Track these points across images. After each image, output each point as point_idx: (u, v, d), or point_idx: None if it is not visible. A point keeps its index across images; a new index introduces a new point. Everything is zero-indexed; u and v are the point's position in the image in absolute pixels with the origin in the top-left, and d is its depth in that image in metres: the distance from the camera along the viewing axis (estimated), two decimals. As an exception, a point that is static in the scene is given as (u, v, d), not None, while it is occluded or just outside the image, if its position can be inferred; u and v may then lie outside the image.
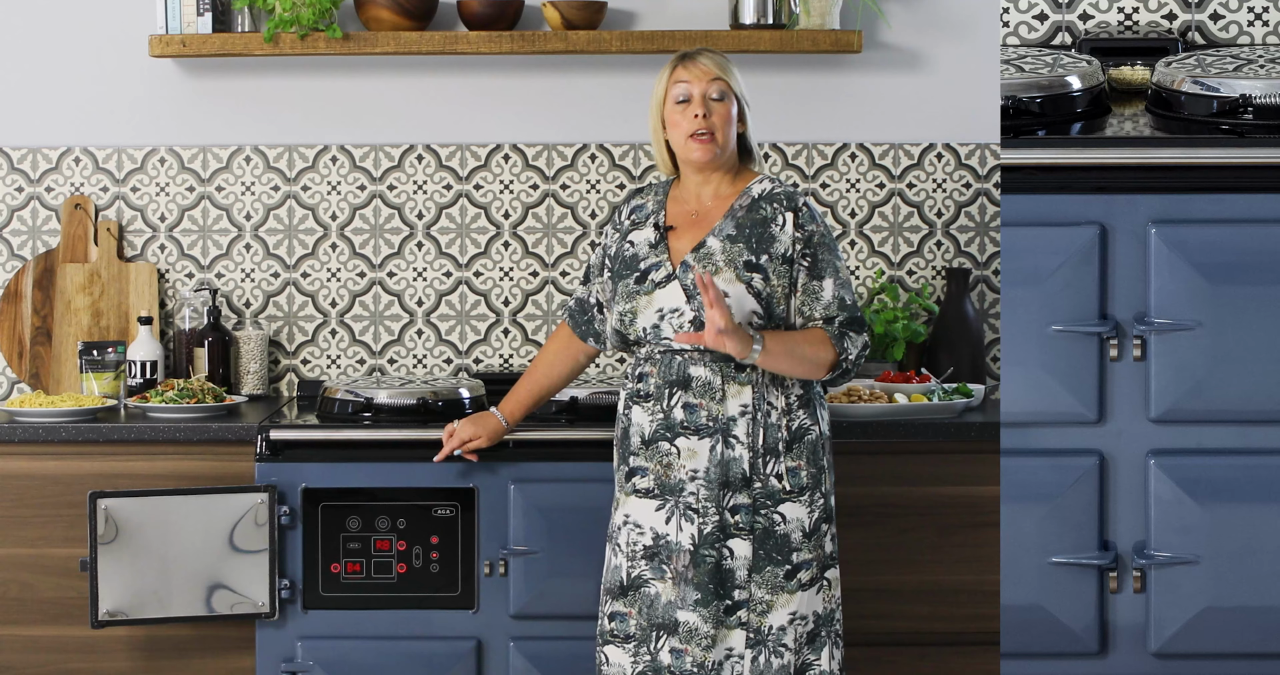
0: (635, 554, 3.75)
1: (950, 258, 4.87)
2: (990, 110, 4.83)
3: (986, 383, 4.75)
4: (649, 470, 3.75)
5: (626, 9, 4.84)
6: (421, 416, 4.29)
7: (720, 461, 3.71)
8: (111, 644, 4.30)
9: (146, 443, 4.28)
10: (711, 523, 3.70)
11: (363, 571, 4.20)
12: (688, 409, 3.73)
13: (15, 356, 4.81)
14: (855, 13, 4.81)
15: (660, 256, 3.79)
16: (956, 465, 4.27)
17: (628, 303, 3.79)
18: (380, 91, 4.86)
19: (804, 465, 3.74)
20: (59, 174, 4.86)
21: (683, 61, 3.80)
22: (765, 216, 3.76)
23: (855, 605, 4.24)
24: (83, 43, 4.84)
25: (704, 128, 3.75)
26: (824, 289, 3.76)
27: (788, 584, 3.72)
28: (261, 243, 4.87)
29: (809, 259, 3.75)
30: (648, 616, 3.73)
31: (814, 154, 4.86)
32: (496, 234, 4.87)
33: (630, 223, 3.87)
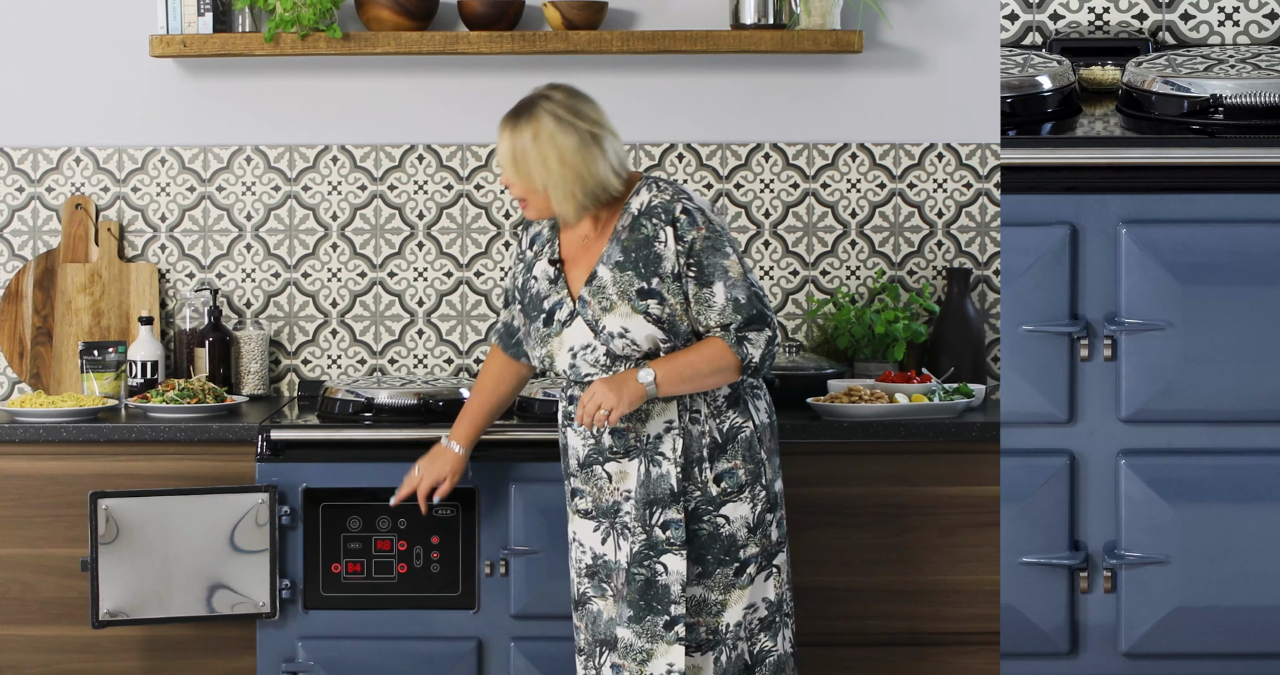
0: (580, 571, 3.80)
1: (951, 258, 4.87)
2: (990, 110, 4.83)
3: (987, 383, 4.75)
4: (586, 492, 3.78)
5: (627, 9, 4.84)
6: (422, 416, 4.30)
7: (647, 481, 3.71)
8: (112, 644, 4.30)
9: (147, 443, 4.28)
10: (640, 541, 3.71)
11: (363, 571, 4.20)
12: (615, 435, 3.73)
13: (16, 356, 4.81)
14: (856, 13, 4.81)
15: (560, 293, 3.76)
16: (957, 465, 4.26)
17: (543, 347, 3.78)
18: (381, 91, 4.86)
19: (740, 464, 3.73)
20: (60, 174, 4.86)
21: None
22: (647, 235, 3.70)
23: (856, 605, 4.24)
24: (83, 43, 4.84)
25: (517, 195, 3.73)
26: (715, 295, 3.69)
27: (739, 580, 3.73)
28: (262, 243, 4.88)
29: (695, 268, 3.69)
30: (592, 632, 3.78)
31: (814, 154, 4.86)
32: (497, 234, 4.87)
33: (533, 253, 3.85)
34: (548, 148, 3.65)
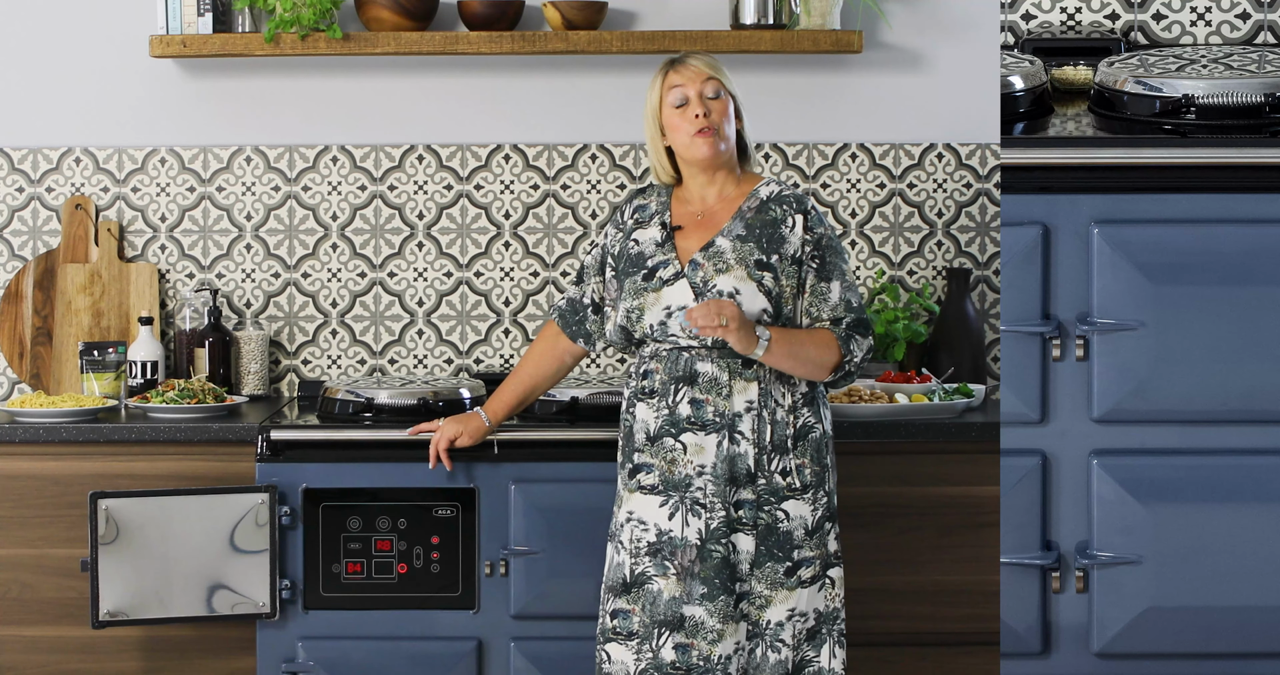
0: (639, 551, 3.76)
1: (951, 258, 4.87)
2: (990, 110, 4.83)
3: (987, 383, 4.75)
4: (654, 467, 3.76)
5: (627, 9, 4.84)
6: (422, 417, 4.29)
7: (727, 457, 3.72)
8: (112, 644, 4.30)
9: (147, 443, 4.28)
10: (718, 518, 3.72)
11: (363, 572, 4.20)
12: (694, 404, 3.74)
13: (16, 357, 4.81)
14: (856, 13, 4.81)
15: (668, 254, 3.80)
16: (957, 465, 4.27)
17: (635, 299, 3.79)
18: (381, 92, 4.87)
19: (808, 463, 3.76)
20: (59, 174, 4.86)
21: (674, 66, 3.81)
22: (775, 218, 3.78)
23: (856, 605, 4.24)
24: (83, 43, 4.84)
25: (707, 124, 3.77)
26: (831, 291, 3.78)
27: (788, 580, 3.74)
28: (262, 243, 4.88)
29: (817, 261, 3.78)
30: (650, 613, 3.74)
31: (814, 154, 4.86)
32: (497, 234, 4.87)
33: (634, 222, 3.88)
34: (728, 72, 3.87)
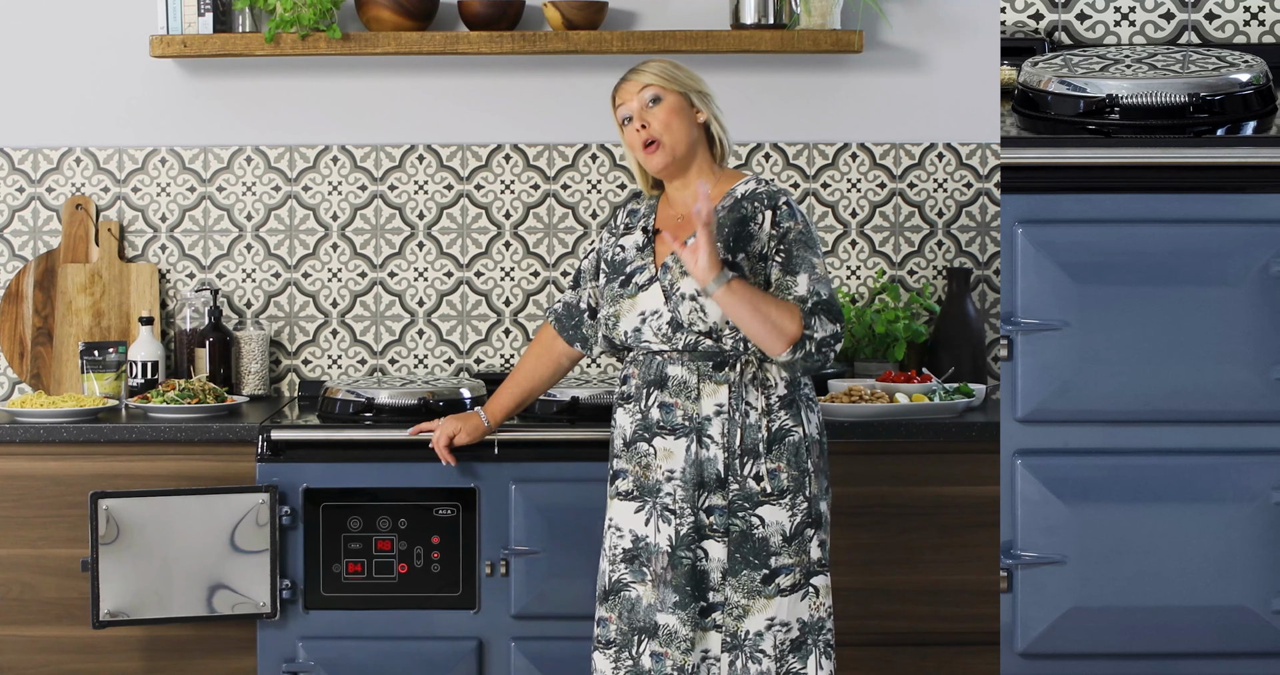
0: (616, 557, 3.76)
1: (951, 257, 4.87)
2: (990, 110, 4.83)
3: (987, 382, 4.75)
4: (629, 472, 3.76)
5: (627, 9, 4.84)
6: (422, 417, 4.29)
7: (695, 461, 3.70)
8: (113, 644, 4.30)
9: (148, 443, 4.28)
10: (687, 524, 3.70)
11: (364, 572, 4.20)
12: (664, 408, 3.73)
13: (16, 357, 4.81)
14: (856, 13, 4.81)
15: (645, 260, 3.80)
16: (957, 465, 4.27)
17: (612, 306, 3.80)
18: (381, 92, 4.87)
19: (784, 467, 3.71)
20: (60, 174, 4.86)
21: (618, 87, 3.82)
22: (745, 215, 3.75)
23: (856, 605, 4.24)
24: (83, 43, 4.85)
25: (647, 137, 3.76)
26: (798, 283, 3.69)
27: (765, 588, 3.70)
28: (262, 243, 4.88)
29: (783, 255, 3.71)
30: (628, 620, 3.73)
31: (815, 154, 4.86)
32: (497, 234, 4.88)
33: (624, 227, 3.88)
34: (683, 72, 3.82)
